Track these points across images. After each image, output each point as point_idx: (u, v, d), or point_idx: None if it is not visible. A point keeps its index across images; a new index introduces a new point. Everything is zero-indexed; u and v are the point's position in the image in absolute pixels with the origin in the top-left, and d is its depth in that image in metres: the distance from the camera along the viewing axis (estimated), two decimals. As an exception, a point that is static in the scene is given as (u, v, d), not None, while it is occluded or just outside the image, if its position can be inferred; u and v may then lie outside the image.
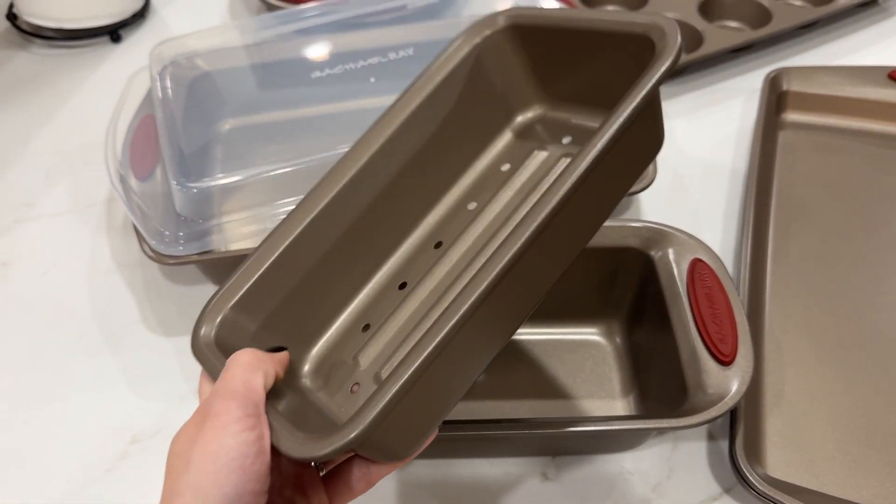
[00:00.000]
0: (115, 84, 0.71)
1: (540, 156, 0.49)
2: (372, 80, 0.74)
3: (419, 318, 0.45)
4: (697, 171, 0.75)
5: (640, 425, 0.46)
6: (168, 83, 0.69)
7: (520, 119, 0.51)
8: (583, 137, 0.47)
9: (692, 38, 0.85)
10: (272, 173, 0.60)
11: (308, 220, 0.44)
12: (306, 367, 0.45)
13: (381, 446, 0.35)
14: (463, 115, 0.49)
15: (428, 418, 0.37)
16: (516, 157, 0.50)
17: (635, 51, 0.39)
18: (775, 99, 0.77)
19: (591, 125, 0.47)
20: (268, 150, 0.74)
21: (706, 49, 0.83)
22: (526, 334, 0.61)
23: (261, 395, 0.33)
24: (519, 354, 0.60)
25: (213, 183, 0.60)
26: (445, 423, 0.52)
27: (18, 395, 0.59)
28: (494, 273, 0.34)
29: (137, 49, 0.95)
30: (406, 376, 0.32)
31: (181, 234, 0.59)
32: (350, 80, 0.74)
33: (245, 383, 0.33)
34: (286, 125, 0.75)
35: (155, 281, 0.67)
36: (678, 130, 0.79)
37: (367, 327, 0.46)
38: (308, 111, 0.76)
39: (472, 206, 0.49)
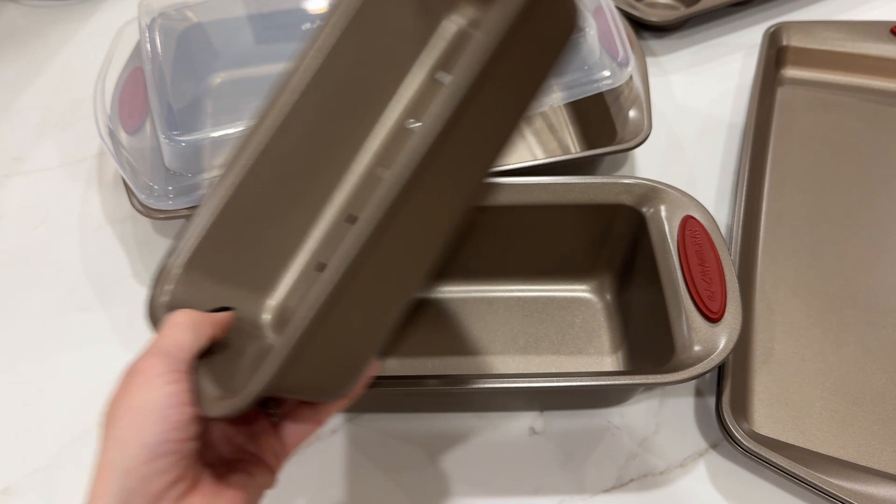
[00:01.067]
0: (105, 37, 0.70)
1: None
2: (365, 32, 0.72)
3: None
4: (694, 128, 0.74)
5: (626, 381, 0.46)
6: (157, 35, 0.68)
7: (447, 22, 0.47)
8: None
9: (692, -8, 0.84)
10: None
11: (247, 166, 0.43)
12: (268, 318, 0.45)
13: (306, 389, 0.34)
14: (391, 24, 0.46)
15: (356, 353, 0.36)
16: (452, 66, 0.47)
17: None
18: (774, 54, 0.76)
19: None
20: (259, 105, 0.73)
21: (705, 3, 0.81)
22: (516, 290, 0.61)
23: (188, 353, 0.34)
24: (509, 311, 0.60)
25: (203, 136, 0.59)
26: (433, 377, 0.53)
27: (8, 350, 0.59)
28: (404, 179, 0.31)
29: (126, 3, 0.93)
30: (308, 315, 0.31)
31: (170, 188, 0.58)
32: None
33: (175, 342, 0.34)
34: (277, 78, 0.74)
35: (146, 236, 0.66)
36: (676, 86, 0.78)
37: (322, 266, 0.45)
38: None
39: (410, 123, 0.47)
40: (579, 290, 0.60)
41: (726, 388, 0.51)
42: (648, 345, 0.54)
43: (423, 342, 0.58)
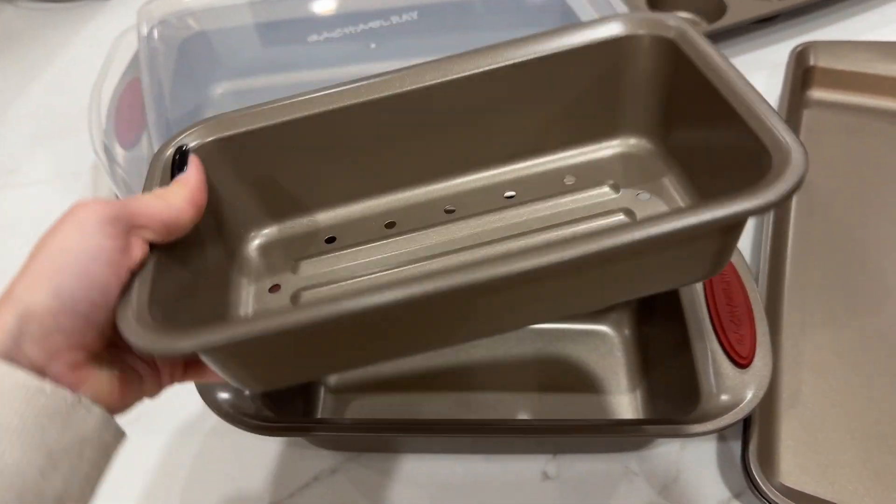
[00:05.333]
0: (104, 42, 0.67)
1: (606, 192, 0.43)
2: (372, 45, 0.70)
3: (383, 267, 0.41)
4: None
5: (649, 432, 0.43)
6: (157, 44, 0.65)
7: (617, 142, 0.45)
8: (654, 205, 0.41)
9: (715, 7, 0.80)
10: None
11: (349, 103, 0.40)
12: (255, 242, 0.42)
13: (224, 368, 0.32)
14: (562, 98, 0.43)
15: (302, 369, 0.33)
16: (585, 176, 0.44)
17: (753, 152, 0.33)
18: (801, 75, 0.73)
19: (673, 197, 0.41)
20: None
21: (729, 19, 0.78)
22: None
23: (148, 219, 0.30)
24: (521, 344, 0.57)
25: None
26: (440, 422, 0.50)
27: None
28: (500, 271, 0.29)
29: (128, 6, 0.90)
30: (301, 320, 0.28)
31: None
32: (349, 44, 0.70)
33: (142, 203, 0.31)
34: (282, 90, 0.71)
35: (141, 255, 0.63)
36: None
37: (331, 240, 0.43)
38: (305, 76, 0.72)
39: (508, 193, 0.44)
40: (596, 323, 0.57)
41: (753, 437, 0.48)
42: (669, 386, 0.51)
43: (428, 378, 0.55)
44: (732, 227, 0.33)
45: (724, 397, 0.43)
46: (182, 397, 0.50)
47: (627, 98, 0.42)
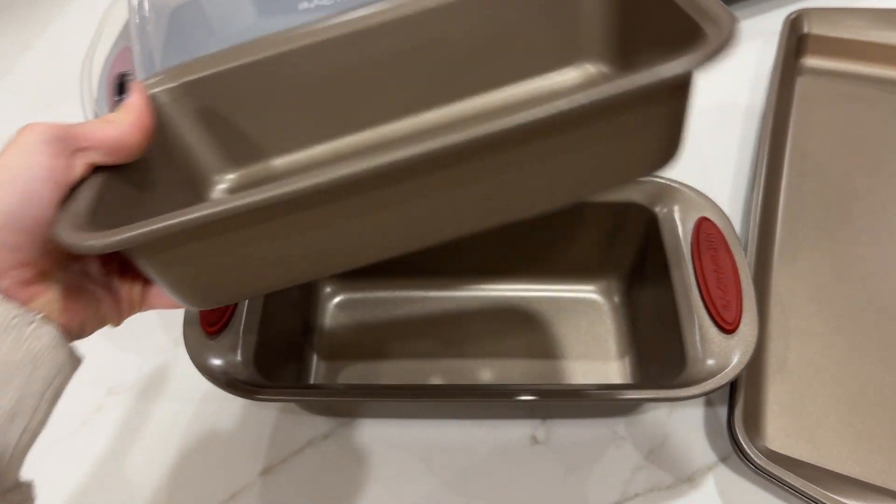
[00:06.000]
0: (94, 13, 0.66)
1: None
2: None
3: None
4: (709, 120, 0.71)
5: (634, 395, 0.44)
6: (147, 12, 0.65)
7: (575, 70, 0.44)
8: None
9: (710, -26, 0.80)
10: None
11: (302, 44, 0.40)
12: (220, 187, 0.43)
13: (163, 278, 0.32)
14: (516, 23, 0.42)
15: (245, 279, 0.33)
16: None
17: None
18: (795, 42, 0.72)
19: None
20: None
21: (724, -14, 0.77)
22: (519, 290, 0.58)
23: (87, 139, 0.31)
24: (511, 312, 0.57)
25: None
26: (427, 388, 0.50)
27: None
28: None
29: (121, -26, 0.90)
30: (270, 195, 0.28)
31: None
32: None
33: (93, 126, 0.31)
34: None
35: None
36: (690, 74, 0.75)
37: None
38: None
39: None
40: (585, 292, 0.58)
41: (739, 402, 0.48)
42: (657, 352, 0.51)
43: (420, 344, 0.56)
44: (675, 93, 0.32)
45: (710, 362, 0.44)
46: (175, 364, 0.51)
47: (583, 18, 0.42)
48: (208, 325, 0.45)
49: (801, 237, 0.60)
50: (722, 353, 0.44)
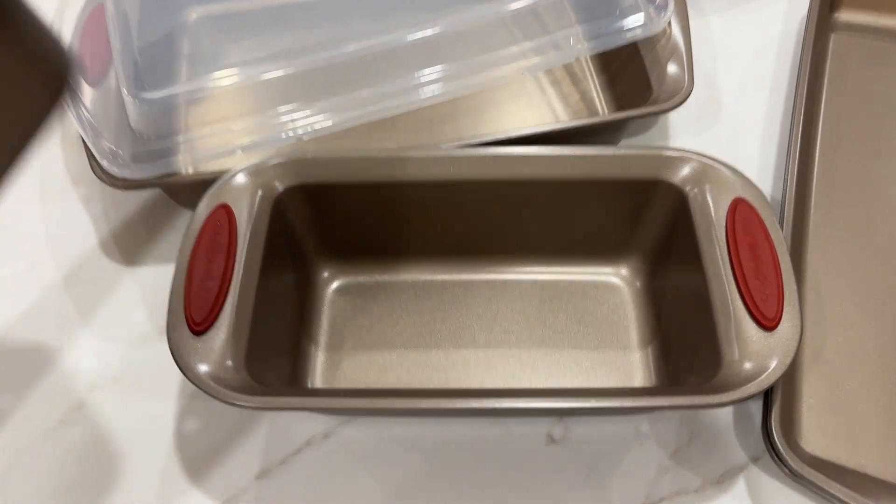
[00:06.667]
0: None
1: None
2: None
3: None
4: (734, 82, 0.65)
5: (666, 403, 0.40)
6: (121, -35, 0.59)
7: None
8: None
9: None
10: (253, 76, 0.51)
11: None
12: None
13: None
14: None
15: None
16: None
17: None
18: (829, -6, 0.67)
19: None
20: (246, 46, 0.64)
21: (752, -68, 0.71)
22: (533, 273, 0.54)
23: None
24: (525, 296, 0.53)
25: (175, 92, 0.51)
26: (432, 393, 0.46)
27: (-39, 332, 0.53)
28: None
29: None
30: None
31: (138, 152, 0.51)
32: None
33: None
34: (262, 14, 0.65)
35: (115, 201, 0.59)
36: (715, 30, 0.69)
37: None
38: (287, -1, 0.65)
39: None
40: (605, 275, 0.53)
41: (776, 401, 0.44)
42: (684, 343, 0.47)
43: (426, 331, 0.51)
44: None
45: (747, 365, 0.40)
46: (162, 355, 0.46)
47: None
48: (195, 323, 0.41)
49: (835, 213, 0.56)
50: (761, 354, 0.40)
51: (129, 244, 0.57)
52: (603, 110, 0.62)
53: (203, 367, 0.40)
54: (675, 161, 0.47)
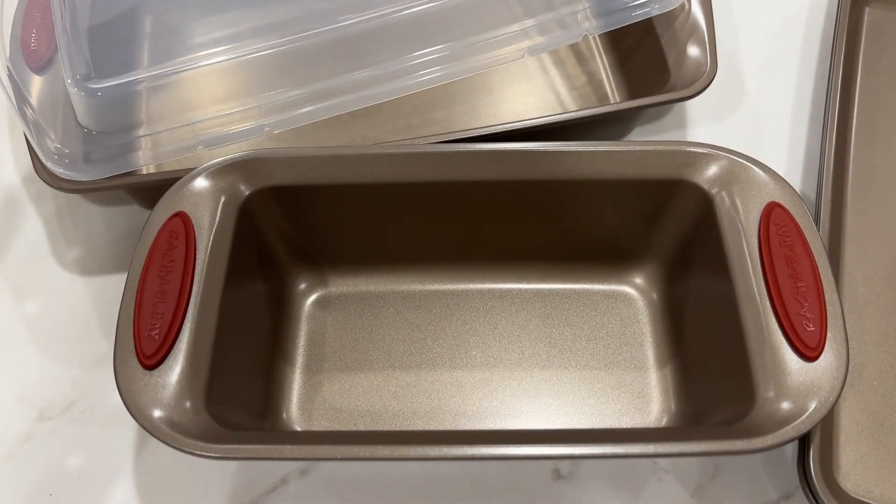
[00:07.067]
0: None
1: None
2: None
3: None
4: (757, 63, 0.59)
5: (687, 448, 0.34)
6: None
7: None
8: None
9: None
10: (218, 61, 0.45)
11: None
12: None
13: None
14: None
15: None
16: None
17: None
18: (863, -37, 0.60)
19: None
20: (212, 24, 0.57)
21: None
22: (536, 283, 0.48)
23: None
24: (527, 309, 0.47)
25: (129, 80, 0.45)
26: (417, 436, 0.41)
27: None
28: None
29: None
30: None
31: (89, 151, 0.45)
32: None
33: None
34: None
35: (71, 202, 0.53)
36: (735, 4, 0.62)
37: None
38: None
39: None
40: (617, 284, 0.48)
41: (816, 436, 0.39)
42: (709, 367, 0.41)
43: (415, 350, 0.46)
44: None
45: (785, 404, 0.34)
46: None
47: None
48: (145, 356, 0.35)
49: (871, 212, 0.50)
50: (802, 390, 0.34)
51: (85, 251, 0.51)
52: (613, 94, 0.56)
53: (156, 411, 0.34)
54: (700, 158, 0.41)
